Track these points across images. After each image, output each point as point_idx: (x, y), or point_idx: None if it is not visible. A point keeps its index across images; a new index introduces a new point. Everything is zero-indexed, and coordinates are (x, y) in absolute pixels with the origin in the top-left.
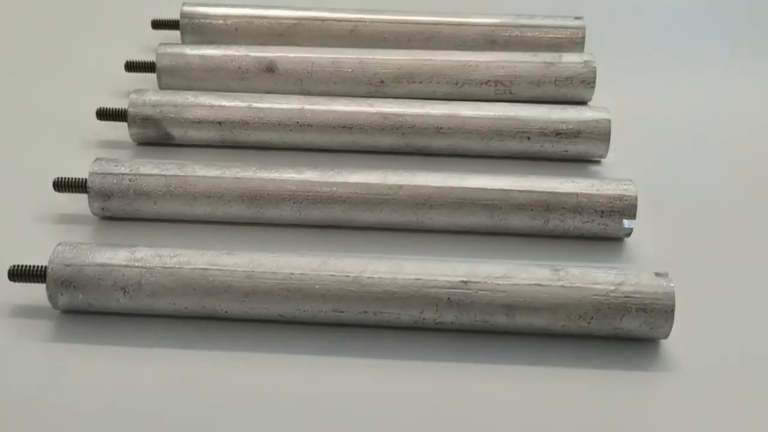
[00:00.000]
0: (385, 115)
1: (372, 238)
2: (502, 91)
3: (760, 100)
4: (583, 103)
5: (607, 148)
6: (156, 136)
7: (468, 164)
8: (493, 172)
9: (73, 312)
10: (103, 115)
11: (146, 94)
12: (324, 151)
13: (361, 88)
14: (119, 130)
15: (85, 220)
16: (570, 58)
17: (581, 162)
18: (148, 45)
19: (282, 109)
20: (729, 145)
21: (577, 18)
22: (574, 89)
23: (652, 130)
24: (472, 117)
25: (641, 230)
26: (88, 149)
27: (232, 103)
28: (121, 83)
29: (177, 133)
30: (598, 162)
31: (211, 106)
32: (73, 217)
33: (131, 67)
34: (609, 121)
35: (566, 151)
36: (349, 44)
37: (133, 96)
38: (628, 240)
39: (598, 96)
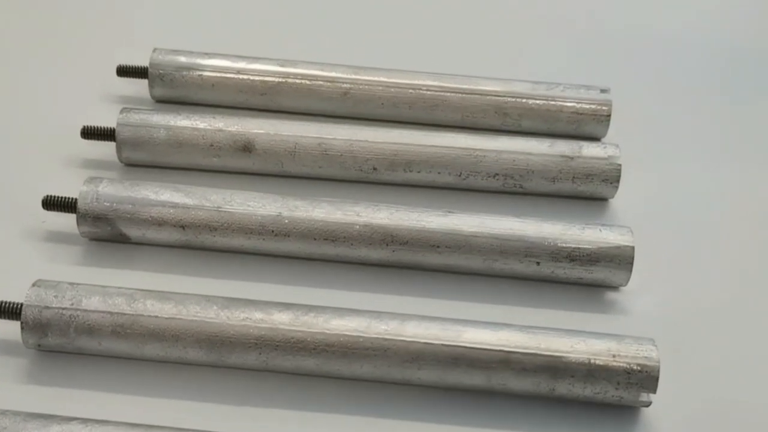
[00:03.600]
0: (373, 228)
1: (348, 390)
2: (512, 185)
3: None
4: (603, 199)
5: (628, 277)
6: (109, 235)
7: (466, 284)
8: (493, 300)
9: None
10: (50, 204)
11: (100, 185)
12: (302, 259)
13: (350, 173)
14: (69, 219)
15: (20, 352)
16: (591, 151)
17: (597, 287)
18: (114, 93)
19: (255, 216)
20: None
21: (603, 91)
22: (594, 187)
23: (683, 239)
24: (474, 235)
25: (662, 394)
26: (32, 243)
27: (198, 203)
28: (77, 147)
29: (134, 234)
30: (616, 289)
31: (174, 206)
32: (8, 346)
33: (88, 133)
34: (632, 248)
35: (581, 278)
36: (340, 108)
37: (84, 188)
38: (646, 409)
39: (622, 190)
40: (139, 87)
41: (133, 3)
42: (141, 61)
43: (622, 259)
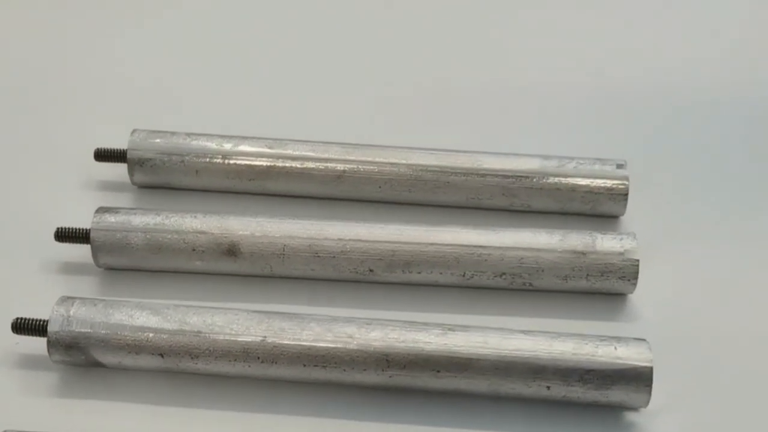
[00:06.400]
0: (367, 353)
1: None
2: (520, 283)
3: None
4: (620, 294)
5: (648, 400)
6: (84, 363)
7: (470, 408)
8: (500, 425)
9: None
10: (20, 328)
11: (72, 308)
12: (293, 383)
13: (344, 275)
14: (41, 342)
15: None
16: (606, 244)
17: (616, 409)
18: (94, 177)
19: (238, 342)
20: None
21: (619, 166)
22: (611, 284)
23: (710, 341)
24: (477, 357)
25: None
26: (2, 369)
27: (177, 327)
28: (51, 248)
29: (109, 362)
30: (635, 410)
31: (151, 331)
32: None
33: (63, 236)
34: (651, 369)
35: (596, 401)
36: (335, 192)
37: (55, 313)
38: None
39: (643, 279)
40: (120, 170)
41: (112, 79)
42: (122, 139)
43: (640, 382)
